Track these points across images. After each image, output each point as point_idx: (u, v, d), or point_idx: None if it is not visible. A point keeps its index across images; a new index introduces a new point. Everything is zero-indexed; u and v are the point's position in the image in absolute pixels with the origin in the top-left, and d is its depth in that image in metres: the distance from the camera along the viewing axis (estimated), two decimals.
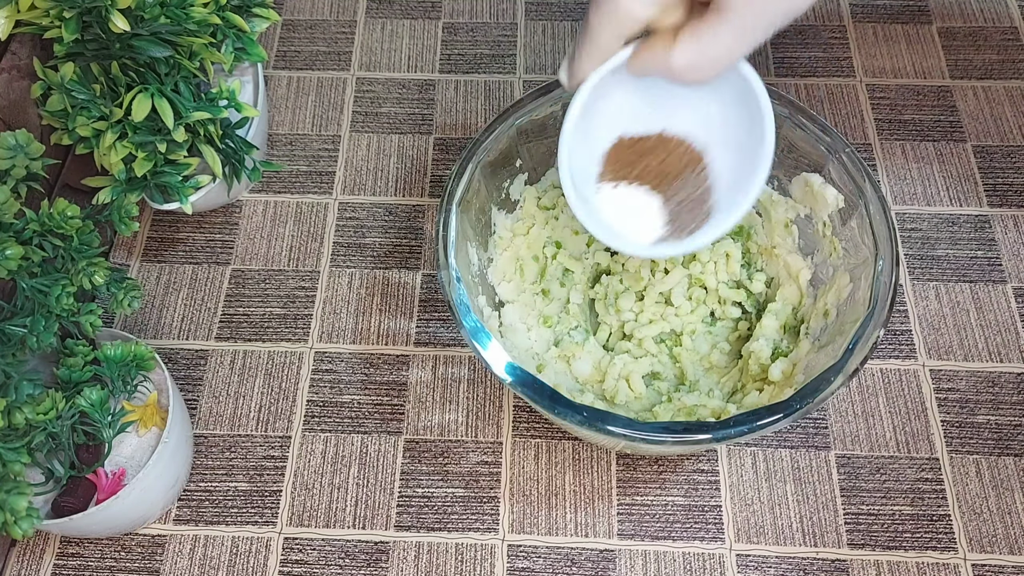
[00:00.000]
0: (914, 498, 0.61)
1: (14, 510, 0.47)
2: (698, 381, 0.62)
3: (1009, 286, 0.69)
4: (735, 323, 0.65)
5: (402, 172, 0.76)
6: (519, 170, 0.64)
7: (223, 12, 0.61)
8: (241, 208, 0.75)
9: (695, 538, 0.60)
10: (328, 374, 0.67)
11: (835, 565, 0.59)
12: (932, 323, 0.68)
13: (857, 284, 0.55)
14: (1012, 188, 0.74)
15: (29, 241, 0.51)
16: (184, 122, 0.60)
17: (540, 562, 0.60)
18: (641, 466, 0.63)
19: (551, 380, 0.62)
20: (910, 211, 0.73)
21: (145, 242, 0.73)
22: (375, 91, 0.81)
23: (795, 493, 0.62)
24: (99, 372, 0.55)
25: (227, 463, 0.64)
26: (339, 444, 0.64)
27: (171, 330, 0.69)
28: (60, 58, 0.57)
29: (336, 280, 0.71)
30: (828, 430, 0.64)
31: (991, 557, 0.59)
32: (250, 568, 0.60)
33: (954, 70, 0.80)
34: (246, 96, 0.71)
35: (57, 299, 0.51)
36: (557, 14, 0.85)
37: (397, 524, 0.61)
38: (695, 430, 0.49)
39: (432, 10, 0.86)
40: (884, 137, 0.77)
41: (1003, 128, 0.77)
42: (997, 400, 0.65)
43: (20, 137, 0.49)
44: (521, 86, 0.81)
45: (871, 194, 0.55)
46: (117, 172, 0.61)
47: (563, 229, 0.66)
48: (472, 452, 0.64)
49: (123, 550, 0.60)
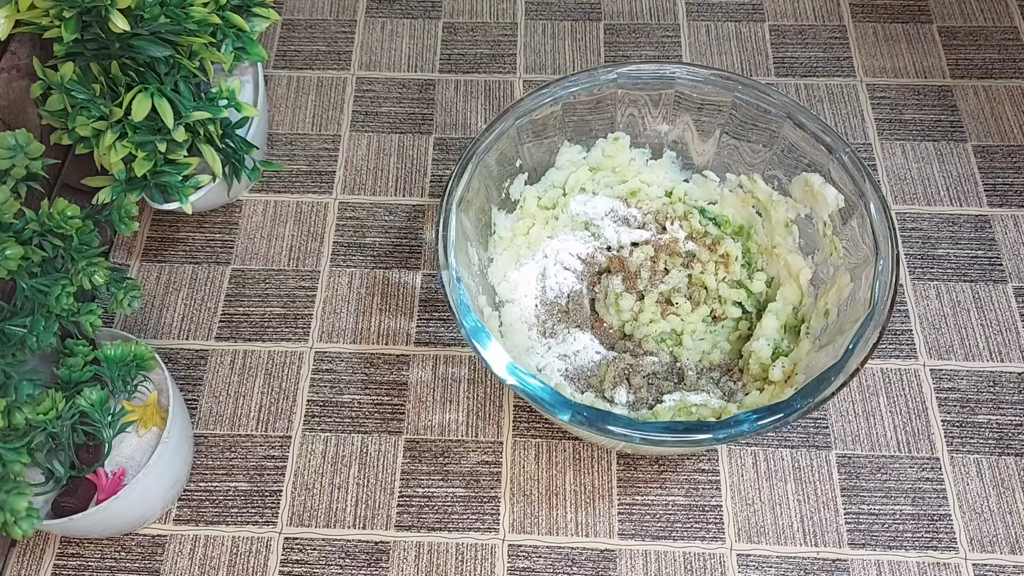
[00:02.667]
0: (915, 498, 0.61)
1: (14, 510, 0.47)
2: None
3: (1010, 286, 0.69)
4: (735, 323, 0.65)
5: (402, 172, 0.76)
6: (519, 170, 0.64)
7: (223, 12, 0.61)
8: (241, 208, 0.75)
9: (696, 538, 0.60)
10: (328, 374, 0.67)
11: (836, 565, 0.59)
12: (932, 323, 0.68)
13: (858, 284, 0.55)
14: (1012, 188, 0.74)
15: (29, 241, 0.51)
16: (184, 122, 0.60)
17: (540, 562, 0.60)
18: (641, 466, 0.63)
19: (551, 380, 0.62)
20: (910, 211, 0.73)
21: (145, 242, 0.73)
22: (375, 91, 0.81)
23: (796, 493, 0.62)
24: (99, 372, 0.55)
25: (227, 463, 0.64)
26: (339, 444, 0.64)
27: (171, 330, 0.69)
28: (60, 58, 0.57)
29: (336, 280, 0.71)
30: (829, 430, 0.64)
31: (992, 557, 0.59)
32: (250, 568, 0.60)
33: (954, 69, 0.80)
34: (246, 96, 0.71)
35: (57, 299, 0.51)
36: (557, 14, 0.85)
37: (397, 524, 0.61)
38: (695, 430, 0.49)
39: (432, 10, 0.86)
40: (884, 137, 0.77)
41: (1003, 128, 0.77)
42: (998, 399, 0.65)
43: (20, 137, 0.49)
44: (521, 86, 0.81)
45: (871, 194, 0.55)
46: (117, 172, 0.60)
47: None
48: (472, 452, 0.64)
49: (123, 550, 0.60)
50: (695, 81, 0.61)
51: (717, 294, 0.65)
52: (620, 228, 0.67)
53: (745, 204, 0.65)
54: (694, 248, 0.66)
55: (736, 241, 0.66)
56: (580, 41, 0.83)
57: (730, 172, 0.65)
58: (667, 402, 0.59)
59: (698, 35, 0.83)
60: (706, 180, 0.67)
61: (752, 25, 0.84)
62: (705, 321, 0.65)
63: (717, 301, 0.65)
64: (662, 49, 0.83)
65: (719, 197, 0.67)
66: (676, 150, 0.67)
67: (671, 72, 0.61)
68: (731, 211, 0.66)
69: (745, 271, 0.65)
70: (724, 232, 0.66)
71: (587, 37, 0.84)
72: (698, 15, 0.85)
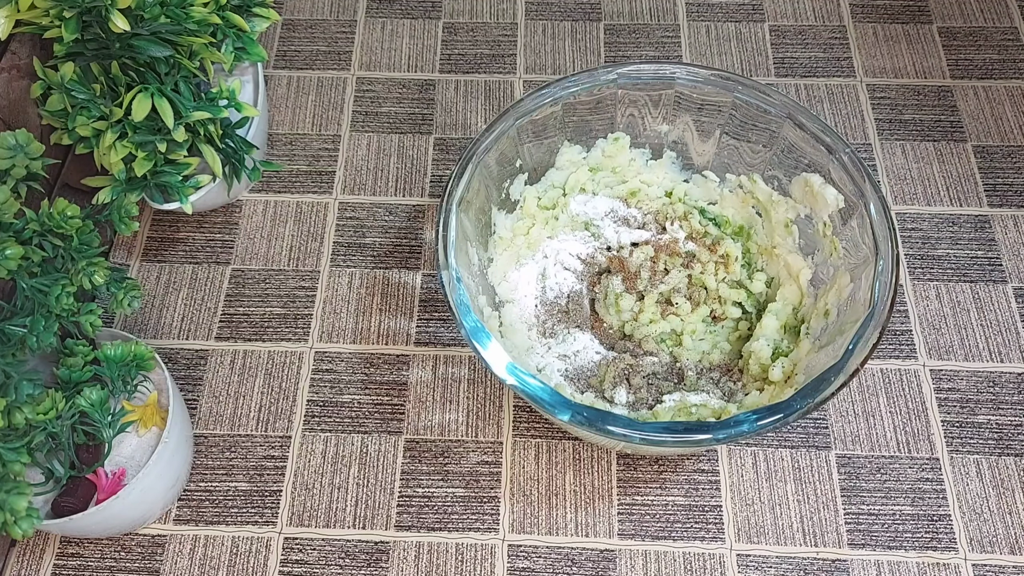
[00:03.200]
0: (914, 498, 0.61)
1: (14, 510, 0.47)
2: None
3: (1009, 286, 0.69)
4: (735, 323, 0.65)
5: (402, 172, 0.76)
6: (519, 170, 0.64)
7: (223, 12, 0.61)
8: (241, 208, 0.75)
9: (695, 538, 0.60)
10: (328, 374, 0.67)
11: (835, 565, 0.59)
12: (932, 323, 0.68)
13: (857, 284, 0.55)
14: (1012, 188, 0.74)
15: (29, 241, 0.51)
16: (184, 122, 0.60)
17: (540, 562, 0.60)
18: (641, 466, 0.63)
19: (551, 380, 0.62)
20: (910, 211, 0.73)
21: (145, 242, 0.73)
22: (375, 91, 0.81)
23: (795, 493, 0.62)
24: (99, 372, 0.55)
25: (227, 463, 0.64)
26: (339, 444, 0.64)
27: (171, 330, 0.69)
28: (60, 58, 0.57)
29: (336, 280, 0.71)
30: (828, 430, 0.64)
31: (991, 557, 0.59)
32: (250, 568, 0.60)
33: (954, 70, 0.80)
34: (246, 96, 0.71)
35: (57, 299, 0.51)
36: (557, 14, 0.85)
37: (397, 524, 0.61)
38: (695, 430, 0.49)
39: (432, 10, 0.86)
40: (884, 137, 0.77)
41: (1003, 128, 0.77)
42: (998, 400, 0.65)
43: (20, 137, 0.49)
44: (521, 86, 0.81)
45: (871, 194, 0.55)
46: (117, 172, 0.60)
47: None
48: (472, 452, 0.64)
49: (123, 550, 0.60)
50: (695, 81, 0.61)
51: (717, 294, 0.65)
52: (620, 228, 0.67)
53: (745, 204, 0.65)
54: (694, 248, 0.66)
55: (736, 241, 0.66)
56: (580, 41, 0.83)
57: (730, 172, 0.65)
58: (667, 402, 0.59)
59: (698, 35, 0.83)
60: (706, 180, 0.67)
61: (752, 25, 0.84)
62: (705, 321, 0.65)
63: (717, 301, 0.65)
64: (662, 49, 0.83)
65: (719, 197, 0.67)
66: (676, 150, 0.67)
67: (671, 72, 0.61)
68: (731, 211, 0.66)
69: (745, 271, 0.65)
70: (724, 232, 0.66)
71: (587, 37, 0.84)
72: (698, 15, 0.85)
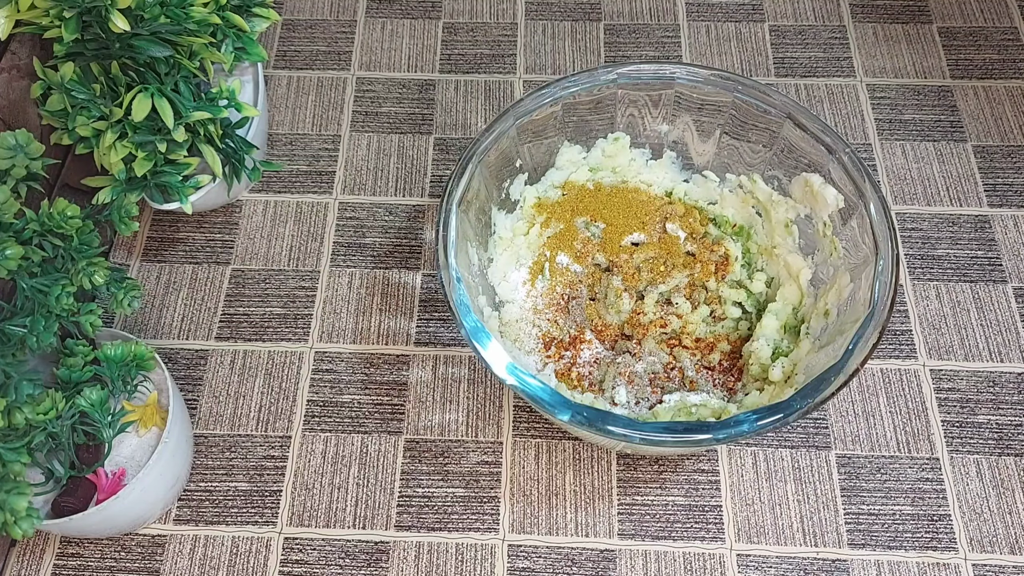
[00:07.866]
0: (914, 498, 0.61)
1: (14, 510, 0.47)
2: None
3: (1009, 286, 0.69)
4: (735, 323, 0.65)
5: (402, 172, 0.76)
6: (519, 170, 0.64)
7: (223, 12, 0.61)
8: (241, 208, 0.75)
9: (695, 538, 0.60)
10: (328, 374, 0.67)
11: (835, 565, 0.59)
12: (932, 323, 0.68)
13: (857, 284, 0.55)
14: (1012, 188, 0.74)
15: (29, 241, 0.51)
16: (184, 122, 0.60)
17: (540, 562, 0.60)
18: (641, 466, 0.63)
19: (551, 380, 0.62)
20: (910, 211, 0.73)
21: (145, 242, 0.73)
22: (375, 91, 0.81)
23: (795, 493, 0.62)
24: (99, 372, 0.55)
25: (227, 463, 0.64)
26: (339, 444, 0.64)
27: (171, 330, 0.69)
28: (60, 58, 0.57)
29: (336, 280, 0.71)
30: (828, 430, 0.64)
31: (992, 557, 0.59)
32: (250, 568, 0.60)
33: (954, 70, 0.80)
34: (246, 96, 0.71)
35: (57, 299, 0.51)
36: (557, 14, 0.85)
37: (397, 524, 0.61)
38: (695, 430, 0.49)
39: (432, 10, 0.86)
40: (884, 137, 0.77)
41: (1003, 128, 0.77)
42: (998, 400, 0.65)
43: (20, 137, 0.49)
44: (521, 86, 0.81)
45: (871, 194, 0.55)
46: (117, 172, 0.60)
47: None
48: (472, 452, 0.64)
49: (123, 550, 0.60)
50: (695, 81, 0.61)
51: (717, 294, 0.65)
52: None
53: (745, 204, 0.65)
54: (694, 248, 0.66)
55: (736, 241, 0.66)
56: (580, 41, 0.83)
57: (730, 172, 0.65)
58: (667, 402, 0.59)
59: (698, 35, 0.83)
60: (706, 180, 0.67)
61: (752, 25, 0.84)
62: (705, 321, 0.65)
63: (717, 301, 0.65)
64: (662, 49, 0.83)
65: (719, 197, 0.67)
66: (676, 150, 0.67)
67: (671, 72, 0.61)
68: (731, 211, 0.66)
69: (745, 271, 0.65)
70: (724, 232, 0.66)
71: (587, 37, 0.84)
72: (698, 15, 0.85)
